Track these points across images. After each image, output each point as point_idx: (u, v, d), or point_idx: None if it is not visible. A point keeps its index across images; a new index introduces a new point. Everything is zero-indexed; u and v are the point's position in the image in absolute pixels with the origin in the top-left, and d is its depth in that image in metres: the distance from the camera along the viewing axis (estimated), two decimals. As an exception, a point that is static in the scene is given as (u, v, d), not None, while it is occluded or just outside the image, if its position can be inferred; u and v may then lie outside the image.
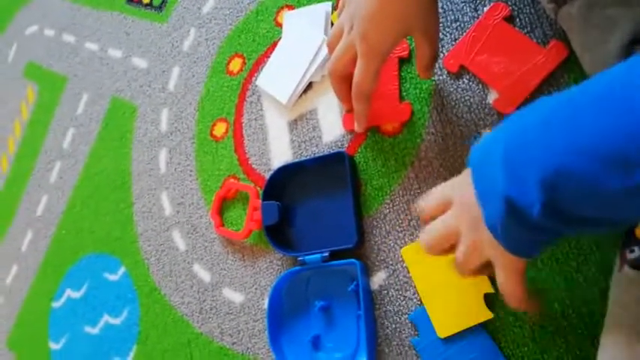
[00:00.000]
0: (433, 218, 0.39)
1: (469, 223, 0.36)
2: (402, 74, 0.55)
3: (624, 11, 0.36)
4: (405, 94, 0.54)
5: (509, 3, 0.51)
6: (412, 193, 0.52)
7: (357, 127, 0.53)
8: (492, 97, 0.50)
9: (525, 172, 0.28)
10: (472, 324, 0.46)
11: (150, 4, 0.80)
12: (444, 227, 0.38)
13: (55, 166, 0.84)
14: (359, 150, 0.56)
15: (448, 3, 0.55)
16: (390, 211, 0.53)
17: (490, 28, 0.51)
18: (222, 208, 0.64)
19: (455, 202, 0.38)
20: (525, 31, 0.49)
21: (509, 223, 0.30)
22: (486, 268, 0.37)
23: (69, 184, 0.81)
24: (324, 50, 0.59)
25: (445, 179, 0.50)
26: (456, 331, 0.46)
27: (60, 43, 0.92)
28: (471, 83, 0.51)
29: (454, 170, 0.50)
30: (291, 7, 0.65)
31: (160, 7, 0.78)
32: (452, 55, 0.52)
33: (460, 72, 0.52)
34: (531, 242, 0.32)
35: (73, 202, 0.80)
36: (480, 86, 0.51)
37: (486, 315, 0.45)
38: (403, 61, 0.55)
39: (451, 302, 0.47)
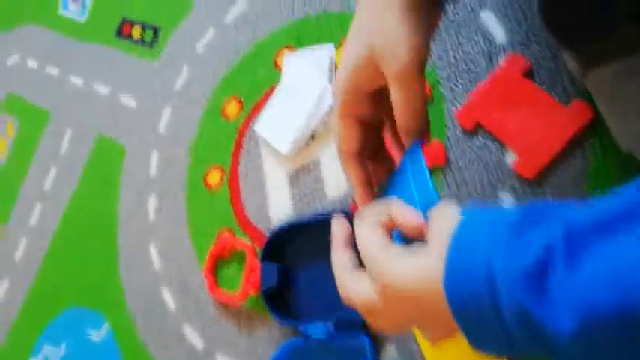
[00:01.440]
0: None
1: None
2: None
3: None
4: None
5: (526, 54, 0.48)
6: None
7: (357, 200, 0.38)
8: (510, 158, 0.46)
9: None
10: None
11: (141, 40, 0.76)
12: None
13: (35, 207, 0.79)
14: (365, 208, 0.52)
15: (460, 52, 0.52)
16: (400, 278, 0.49)
17: (508, 83, 0.48)
18: (216, 264, 0.59)
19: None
20: (544, 87, 0.46)
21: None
22: None
23: (50, 228, 0.76)
24: (328, 98, 0.56)
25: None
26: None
27: (43, 75, 0.87)
28: (486, 141, 0.48)
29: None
30: (292, 48, 0.61)
31: (151, 44, 0.74)
32: (466, 110, 0.49)
33: (475, 129, 0.48)
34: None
35: (54, 248, 0.74)
36: (497, 144, 0.47)
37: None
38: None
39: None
